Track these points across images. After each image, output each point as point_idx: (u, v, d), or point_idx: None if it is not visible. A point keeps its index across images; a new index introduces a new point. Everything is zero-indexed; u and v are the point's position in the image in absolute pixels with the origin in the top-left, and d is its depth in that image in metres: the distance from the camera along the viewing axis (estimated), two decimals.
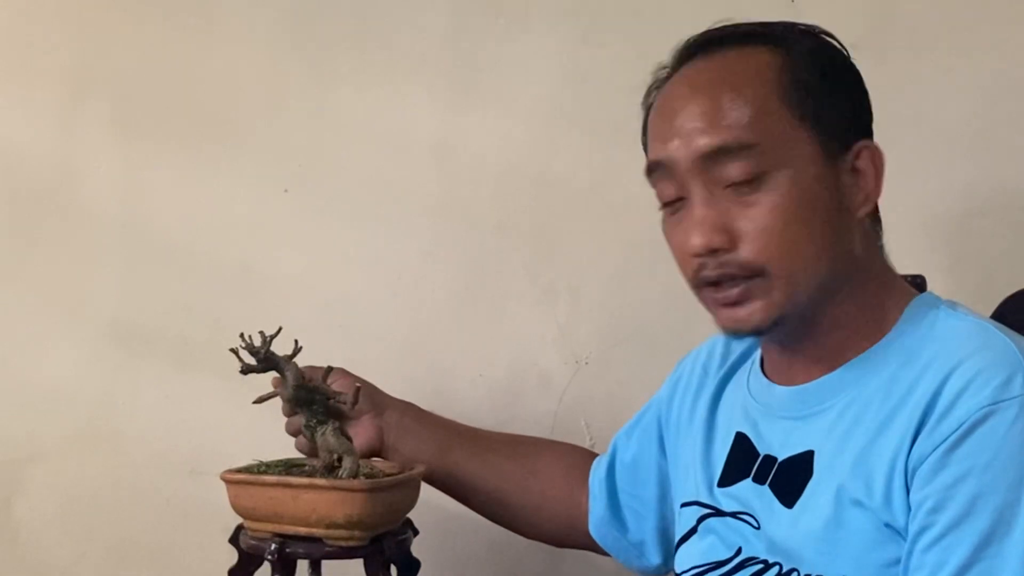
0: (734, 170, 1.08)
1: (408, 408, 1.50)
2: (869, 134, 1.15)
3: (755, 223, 1.08)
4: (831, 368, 1.13)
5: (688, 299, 1.72)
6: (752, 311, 1.11)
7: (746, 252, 1.09)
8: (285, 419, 1.59)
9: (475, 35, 2.00)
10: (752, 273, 1.09)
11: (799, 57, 1.12)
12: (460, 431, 1.51)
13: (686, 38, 1.21)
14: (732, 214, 1.09)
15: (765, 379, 1.21)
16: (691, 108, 1.11)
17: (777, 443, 1.15)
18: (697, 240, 1.10)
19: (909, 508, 1.02)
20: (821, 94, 1.11)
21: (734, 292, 1.10)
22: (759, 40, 1.13)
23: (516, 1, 1.99)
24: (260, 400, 1.52)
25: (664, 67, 1.21)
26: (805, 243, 1.08)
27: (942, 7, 1.84)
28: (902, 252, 1.21)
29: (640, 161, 1.25)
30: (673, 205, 1.15)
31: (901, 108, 1.29)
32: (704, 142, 1.09)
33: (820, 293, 1.10)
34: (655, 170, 1.16)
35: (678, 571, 1.25)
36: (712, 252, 1.10)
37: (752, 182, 1.08)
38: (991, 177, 1.82)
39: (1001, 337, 1.05)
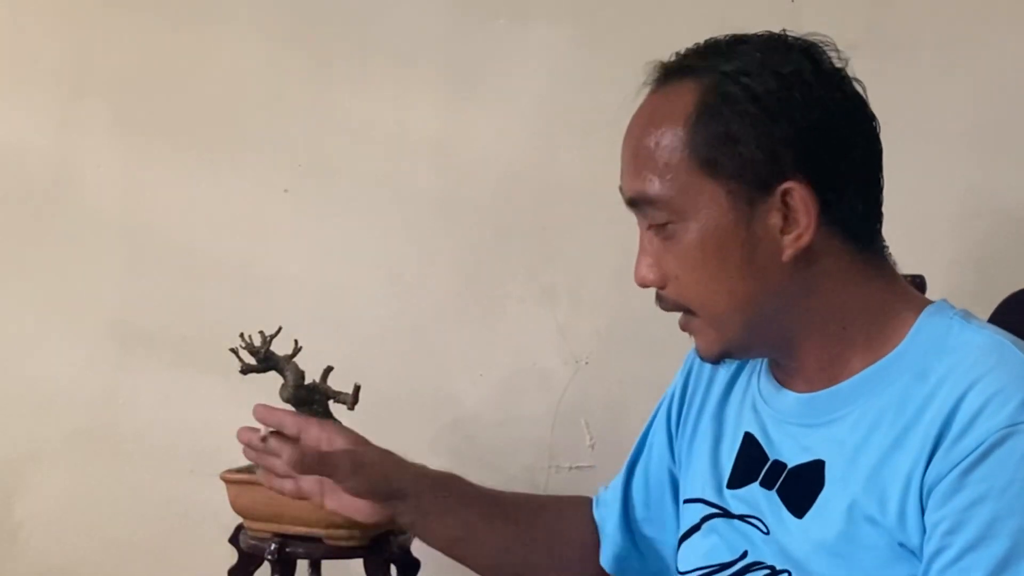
0: (649, 217, 1.13)
1: (425, 488, 1.28)
2: (811, 167, 1.08)
3: (672, 268, 1.13)
4: (836, 379, 1.12)
5: None
6: (698, 344, 1.16)
7: (670, 293, 1.14)
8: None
9: (475, 35, 2.00)
10: (684, 311, 1.15)
11: (724, 92, 1.09)
12: (485, 502, 1.38)
13: (683, 39, 1.21)
14: (660, 255, 1.13)
15: (774, 382, 1.20)
16: (623, 150, 1.17)
17: (786, 449, 1.14)
18: (635, 276, 1.16)
19: (924, 528, 1.01)
20: (738, 137, 1.07)
21: (681, 323, 1.16)
22: (690, 73, 1.12)
23: (516, 1, 1.99)
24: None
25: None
26: (716, 289, 1.11)
27: (942, 8, 1.84)
28: (902, 252, 1.20)
29: None
30: None
31: (900, 109, 1.29)
32: (624, 189, 1.15)
33: (757, 328, 1.12)
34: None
35: (681, 569, 1.24)
36: (649, 287, 1.16)
37: (665, 228, 1.12)
38: (991, 177, 1.82)
39: (1017, 354, 1.03)
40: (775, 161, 1.07)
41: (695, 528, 1.22)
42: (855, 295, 1.11)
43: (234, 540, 1.61)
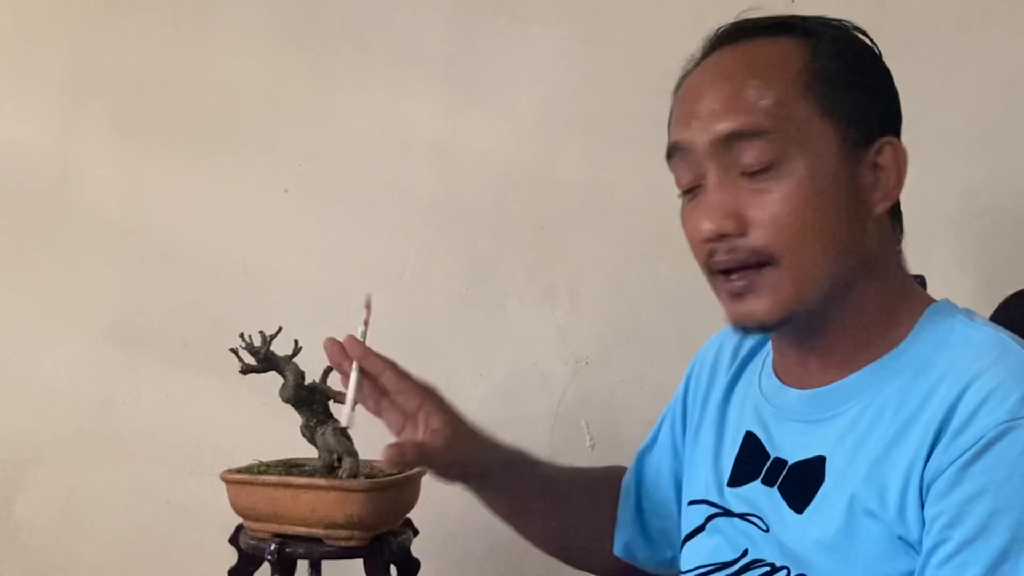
0: (749, 155, 1.07)
1: (496, 469, 1.32)
2: (895, 131, 1.13)
3: (767, 210, 1.07)
4: (844, 372, 1.11)
5: (688, 299, 1.71)
6: (759, 304, 1.09)
7: (756, 239, 1.07)
8: (285, 419, 1.59)
9: (475, 35, 2.00)
10: (761, 261, 1.07)
11: (826, 49, 1.11)
12: (543, 482, 1.39)
13: (682, 39, 1.21)
14: (745, 201, 1.07)
15: (777, 380, 1.20)
16: (712, 92, 1.11)
17: (788, 446, 1.14)
18: (707, 225, 1.08)
19: (923, 522, 1.01)
20: (844, 87, 1.10)
21: (740, 283, 1.09)
22: (787, 31, 1.14)
23: (516, 1, 2.00)
24: None
25: (693, 57, 1.21)
26: (817, 234, 1.07)
27: (942, 7, 1.84)
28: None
29: (640, 161, 1.25)
30: (690, 191, 1.14)
31: (900, 108, 1.30)
32: (720, 126, 1.08)
33: (831, 290, 1.08)
34: (673, 154, 1.15)
35: (683, 569, 1.24)
36: (722, 238, 1.08)
37: (767, 169, 1.06)
38: (991, 177, 1.82)
39: (1018, 350, 1.03)
40: (879, 115, 1.11)
41: (699, 529, 1.23)
42: (889, 283, 1.12)
43: (234, 540, 1.61)
